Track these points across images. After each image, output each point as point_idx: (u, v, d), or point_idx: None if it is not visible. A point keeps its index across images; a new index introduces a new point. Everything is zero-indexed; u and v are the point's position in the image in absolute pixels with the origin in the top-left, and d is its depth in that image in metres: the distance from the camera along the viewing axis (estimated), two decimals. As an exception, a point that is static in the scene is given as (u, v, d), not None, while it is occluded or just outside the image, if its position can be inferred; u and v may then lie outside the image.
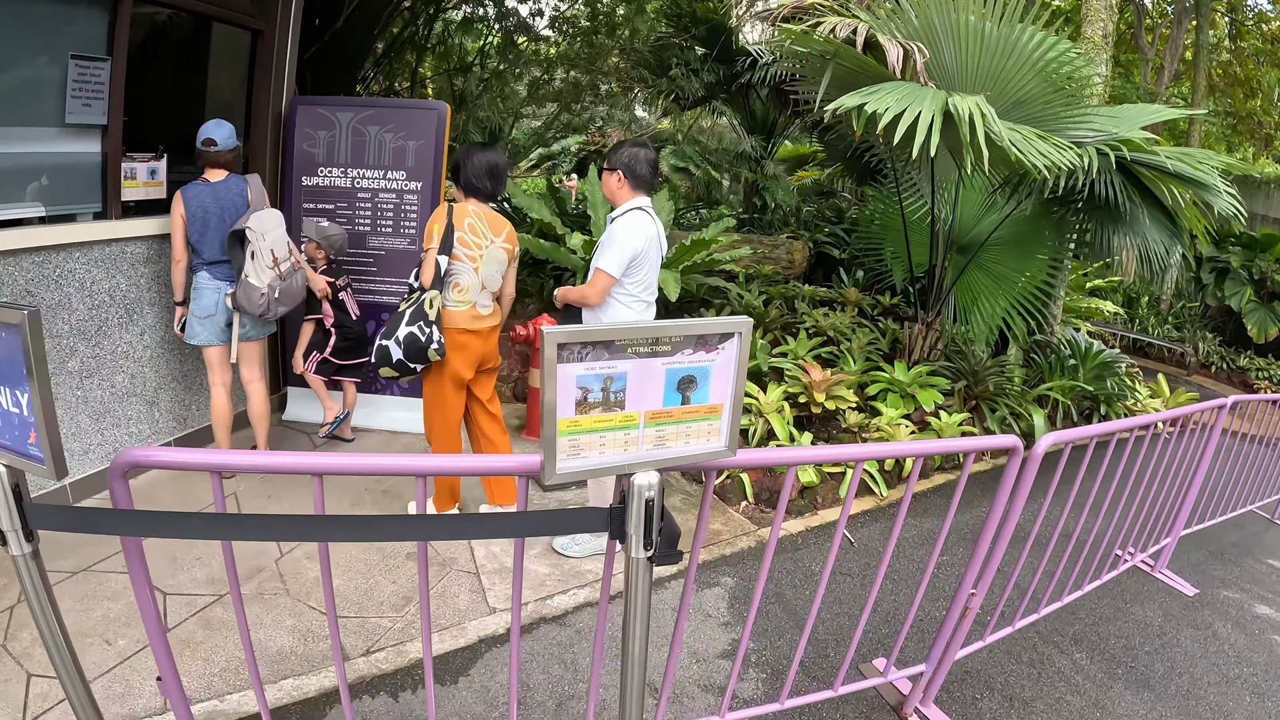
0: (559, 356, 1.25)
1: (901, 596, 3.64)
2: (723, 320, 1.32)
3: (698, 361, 1.33)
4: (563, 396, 1.29)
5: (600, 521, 1.45)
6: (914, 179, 6.23)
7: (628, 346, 1.27)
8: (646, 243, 3.28)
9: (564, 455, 1.35)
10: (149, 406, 4.13)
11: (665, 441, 1.40)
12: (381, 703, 2.71)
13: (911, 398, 5.27)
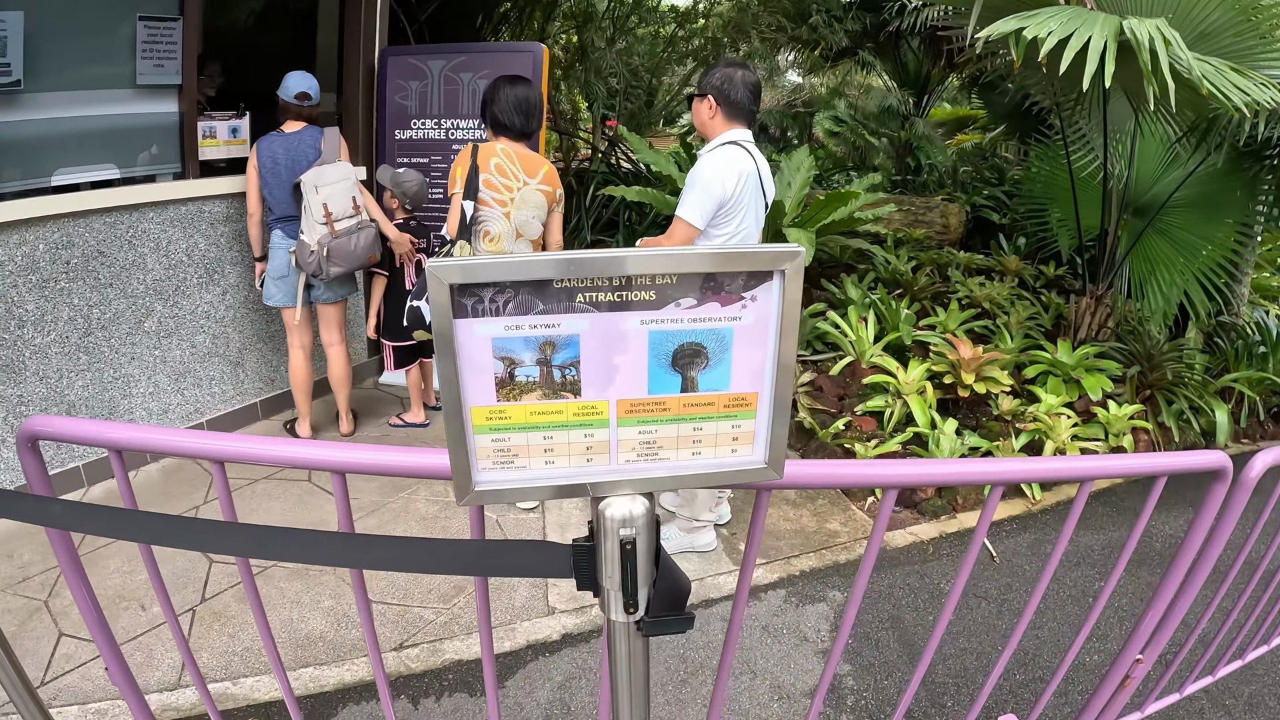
0: (457, 307, 0.75)
1: (1045, 631, 2.90)
2: (750, 250, 0.77)
3: (707, 320, 0.79)
4: (471, 372, 0.78)
5: (558, 562, 0.94)
6: (1083, 129, 5.31)
7: (575, 289, 0.75)
8: (740, 184, 2.69)
9: (487, 463, 0.85)
10: (233, 367, 4.00)
11: (656, 449, 0.86)
12: (400, 708, 2.36)
13: (1076, 383, 4.45)
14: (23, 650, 2.48)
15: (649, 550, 0.93)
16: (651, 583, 0.97)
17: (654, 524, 0.92)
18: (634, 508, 0.88)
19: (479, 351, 0.77)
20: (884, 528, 1.30)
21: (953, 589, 1.42)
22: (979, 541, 1.36)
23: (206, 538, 1.08)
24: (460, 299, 0.74)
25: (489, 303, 0.75)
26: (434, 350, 0.76)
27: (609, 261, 0.74)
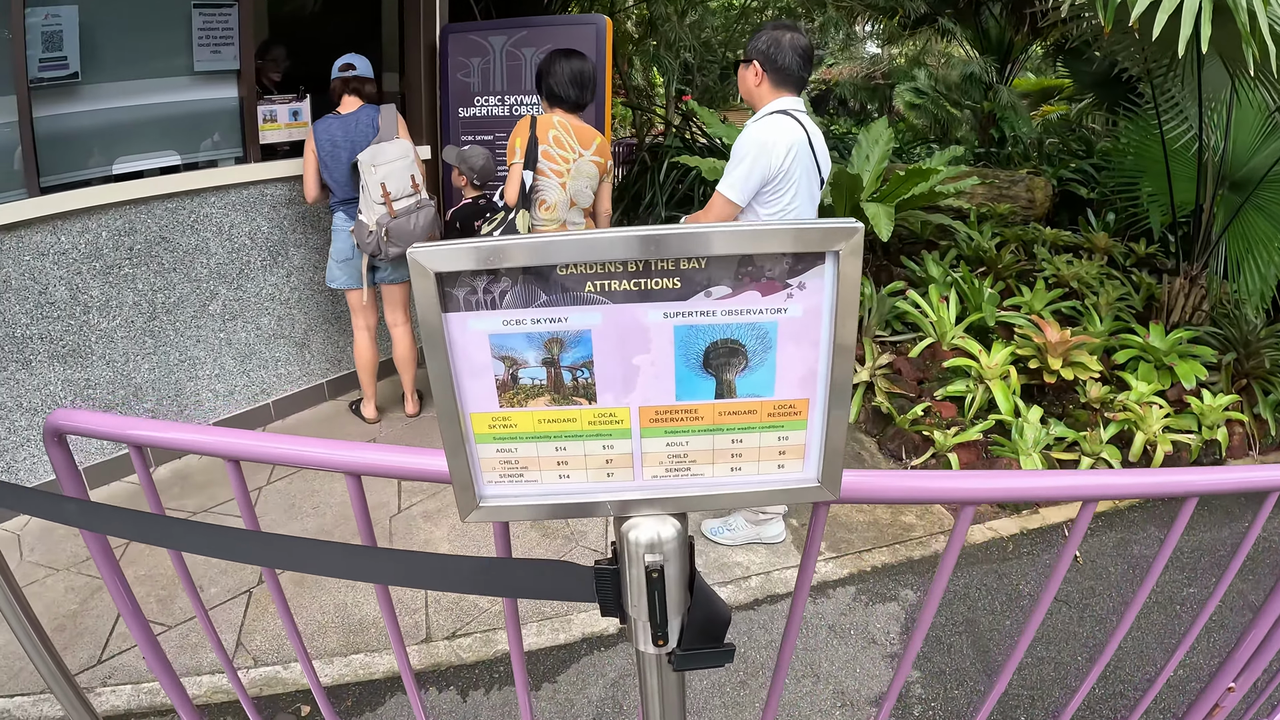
0: (445, 299, 0.63)
1: (1127, 641, 2.65)
2: (795, 226, 0.63)
3: (744, 312, 0.66)
4: (469, 374, 0.67)
5: (579, 585, 0.83)
6: (1175, 97, 4.90)
7: (583, 275, 0.62)
8: (789, 157, 2.48)
9: (493, 475, 0.74)
10: (299, 349, 4.02)
11: (688, 463, 0.74)
12: (447, 699, 2.30)
13: (1168, 370, 4.12)
14: (81, 628, 2.52)
15: (681, 577, 0.80)
16: (685, 611, 0.84)
17: (687, 547, 0.79)
18: (662, 530, 0.76)
19: (475, 350, 0.66)
20: (960, 544, 1.14)
21: (1029, 620, 1.26)
22: (1068, 557, 1.19)
23: (216, 543, 1.01)
24: (448, 289, 0.63)
25: (483, 293, 0.63)
26: (424, 345, 0.65)
27: (619, 241, 0.61)
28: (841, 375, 0.71)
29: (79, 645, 2.46)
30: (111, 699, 2.29)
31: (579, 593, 0.83)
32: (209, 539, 1.02)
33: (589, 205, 3.22)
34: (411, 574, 0.88)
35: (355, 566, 0.90)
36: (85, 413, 1.21)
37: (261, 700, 2.30)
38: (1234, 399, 4.01)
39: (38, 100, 2.93)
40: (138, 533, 1.06)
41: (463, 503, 0.74)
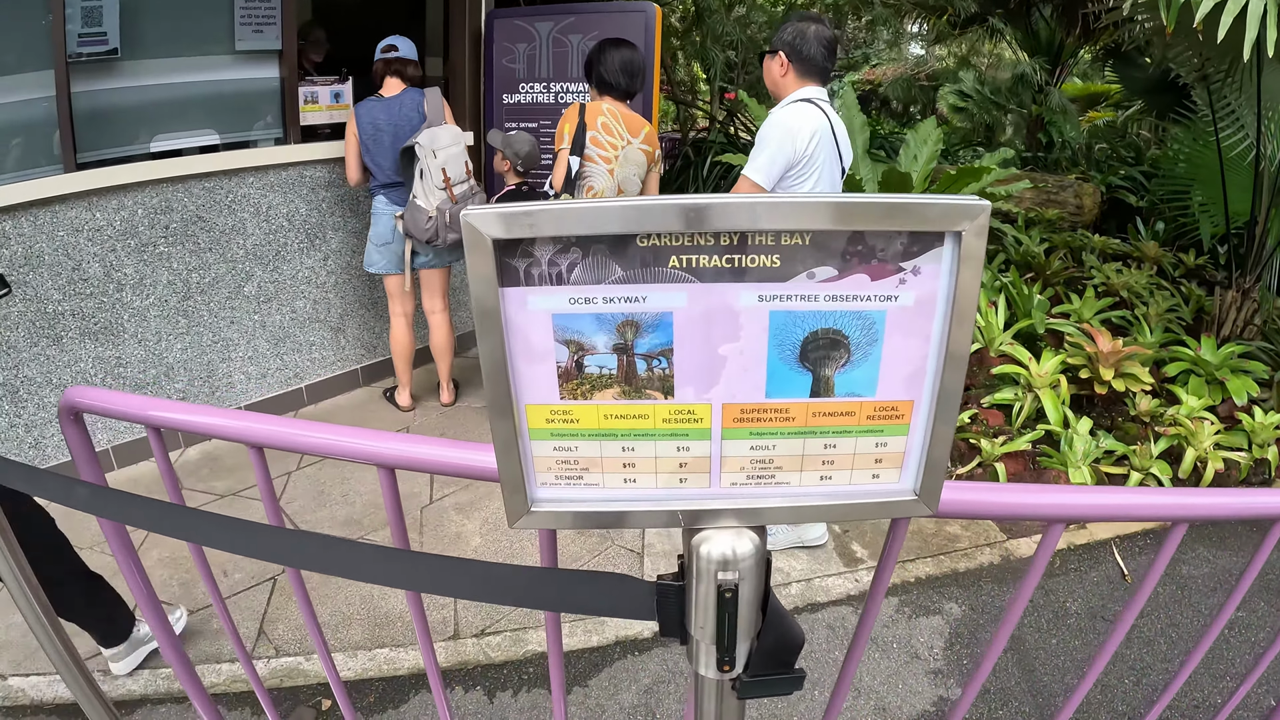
0: (504, 270, 0.54)
1: (1177, 664, 2.51)
2: (917, 201, 0.53)
3: (851, 298, 0.56)
4: (525, 359, 0.58)
5: (636, 602, 0.74)
6: (1232, 105, 4.70)
7: (668, 249, 0.53)
8: (813, 142, 2.51)
9: (549, 476, 0.65)
10: (334, 333, 3.98)
11: (773, 470, 0.64)
12: (474, 700, 2.23)
13: (1219, 385, 3.95)
14: (102, 612, 2.49)
15: (755, 597, 0.71)
16: (755, 634, 0.75)
17: (764, 565, 0.70)
18: (739, 545, 0.66)
19: (535, 332, 0.57)
20: (1044, 565, 1.04)
21: (1093, 663, 1.14)
22: (1147, 590, 1.07)
23: (238, 539, 0.93)
24: (507, 259, 0.54)
25: (548, 265, 0.54)
26: (475, 324, 0.56)
27: (714, 209, 0.51)
28: (953, 376, 0.61)
29: (87, 632, 2.43)
30: (129, 684, 2.25)
31: (637, 610, 0.74)
32: (231, 533, 0.94)
33: (636, 194, 3.16)
34: (450, 582, 0.80)
35: (389, 571, 0.82)
36: (102, 391, 1.14)
37: (282, 692, 2.25)
38: (1287, 418, 3.85)
39: (76, 76, 2.90)
40: (151, 522, 0.99)
41: (512, 506, 0.65)
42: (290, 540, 0.85)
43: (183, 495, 1.49)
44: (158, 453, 1.11)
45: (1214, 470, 3.53)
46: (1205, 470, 3.55)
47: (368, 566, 0.82)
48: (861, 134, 5.76)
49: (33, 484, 1.03)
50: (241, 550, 0.88)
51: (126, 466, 3.25)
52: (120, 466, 3.25)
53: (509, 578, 0.77)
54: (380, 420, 3.87)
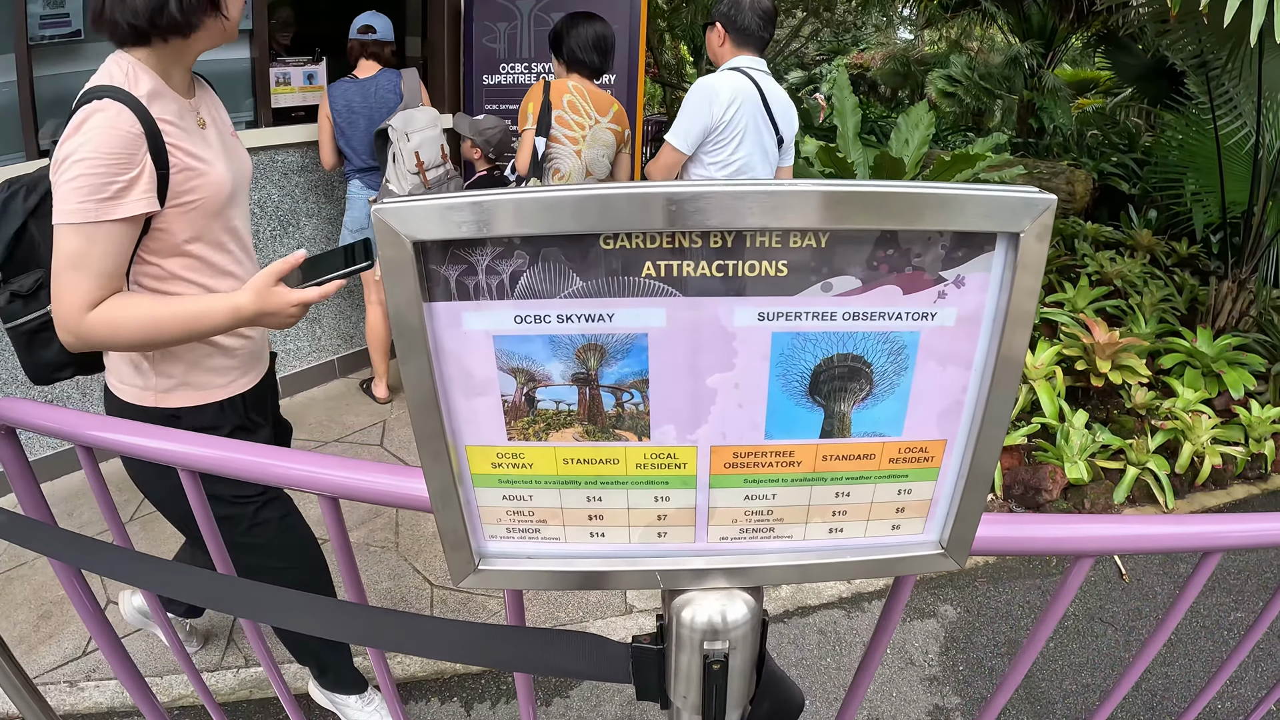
0: (430, 280, 0.42)
1: (1175, 669, 2.43)
2: (961, 190, 0.41)
3: (877, 317, 0.44)
4: (462, 391, 0.46)
5: (609, 666, 0.62)
6: (1229, 93, 4.63)
7: (641, 252, 0.41)
8: (732, 107, 2.59)
9: (499, 530, 0.53)
10: (309, 324, 3.84)
11: (772, 522, 0.52)
12: (450, 711, 2.12)
13: (1216, 377, 3.88)
14: (67, 616, 2.36)
15: (748, 665, 0.59)
16: (748, 701, 0.63)
17: (759, 630, 0.58)
18: (729, 610, 0.55)
19: (473, 358, 0.45)
20: (1069, 600, 0.93)
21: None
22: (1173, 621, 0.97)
23: (173, 583, 0.81)
24: (434, 266, 0.41)
25: (486, 274, 0.42)
26: (395, 344, 0.44)
27: (705, 200, 0.39)
28: (998, 411, 0.49)
29: (63, 635, 2.29)
30: (95, 695, 2.13)
31: (611, 674, 0.62)
32: (160, 575, 0.82)
33: (605, 176, 3.02)
34: (410, 640, 0.67)
35: (339, 625, 0.70)
36: (32, 404, 1.01)
37: (253, 704, 2.13)
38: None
39: (38, 60, 2.75)
40: (78, 558, 0.87)
41: (455, 564, 0.53)
42: (235, 589, 0.73)
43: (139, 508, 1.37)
44: (90, 475, 0.99)
45: (1211, 465, 3.46)
46: (1202, 465, 3.48)
47: (319, 620, 0.70)
48: (853, 117, 5.64)
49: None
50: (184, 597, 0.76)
51: (77, 471, 3.10)
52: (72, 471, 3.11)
53: (475, 637, 0.65)
54: (357, 412, 3.73)
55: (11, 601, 2.44)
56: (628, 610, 2.56)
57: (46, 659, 2.21)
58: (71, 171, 1.16)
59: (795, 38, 9.22)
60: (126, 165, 1.18)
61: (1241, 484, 3.72)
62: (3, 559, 2.61)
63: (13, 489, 1.11)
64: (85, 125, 1.19)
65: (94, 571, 0.94)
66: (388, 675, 1.04)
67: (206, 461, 0.92)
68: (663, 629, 0.60)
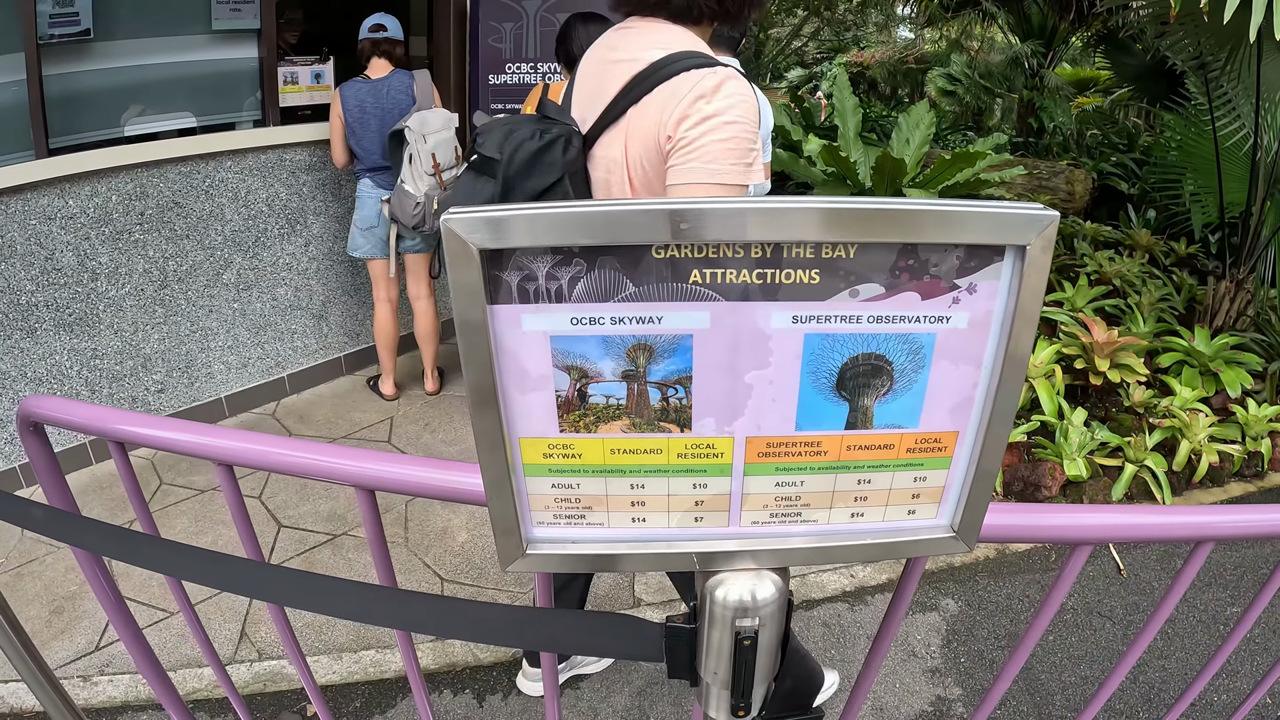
0: (494, 285, 0.46)
1: (1172, 662, 2.48)
2: (974, 207, 0.45)
3: (898, 320, 0.49)
4: (518, 386, 0.50)
5: (644, 646, 0.67)
6: (1228, 93, 4.68)
7: (689, 261, 0.45)
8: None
9: (546, 515, 0.57)
10: (316, 320, 3.88)
11: (799, 508, 0.57)
12: (463, 704, 2.16)
13: (1213, 376, 3.93)
14: (80, 612, 2.40)
15: (775, 642, 0.64)
16: (773, 678, 0.68)
17: (786, 609, 0.62)
18: (759, 589, 0.59)
19: (531, 356, 0.49)
20: (1068, 587, 0.98)
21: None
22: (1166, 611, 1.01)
23: (210, 572, 0.85)
24: (497, 272, 0.46)
25: (545, 280, 0.46)
26: (459, 345, 0.48)
27: (747, 215, 0.44)
28: (1004, 405, 0.54)
29: (76, 630, 2.34)
30: (108, 689, 2.17)
31: (645, 653, 0.67)
32: (201, 566, 0.86)
33: None
34: (443, 623, 0.72)
35: (375, 610, 0.74)
36: (61, 400, 1.05)
37: (265, 697, 2.17)
38: (1279, 410, 3.83)
39: (47, 58, 2.78)
40: (115, 549, 0.91)
41: (504, 549, 0.57)
42: (269, 575, 0.77)
43: (151, 500, 1.41)
44: (121, 469, 1.02)
45: (1208, 463, 3.51)
46: (1199, 463, 3.52)
47: (355, 605, 0.74)
48: (854, 116, 5.69)
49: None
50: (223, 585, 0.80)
51: (105, 460, 3.14)
52: (99, 460, 3.15)
53: (502, 617, 0.70)
54: (364, 410, 3.78)
55: (23, 597, 2.47)
56: (635, 604, 2.61)
57: (59, 654, 2.25)
58: (726, 132, 1.17)
59: (796, 36, 9.23)
60: (755, 135, 1.20)
61: (1238, 481, 3.76)
62: (13, 555, 2.65)
63: (40, 484, 1.14)
64: (724, 89, 1.18)
65: (133, 564, 0.98)
66: (415, 664, 1.08)
67: (241, 455, 0.97)
68: (695, 609, 0.64)
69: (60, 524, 0.92)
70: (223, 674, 1.29)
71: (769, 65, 9.32)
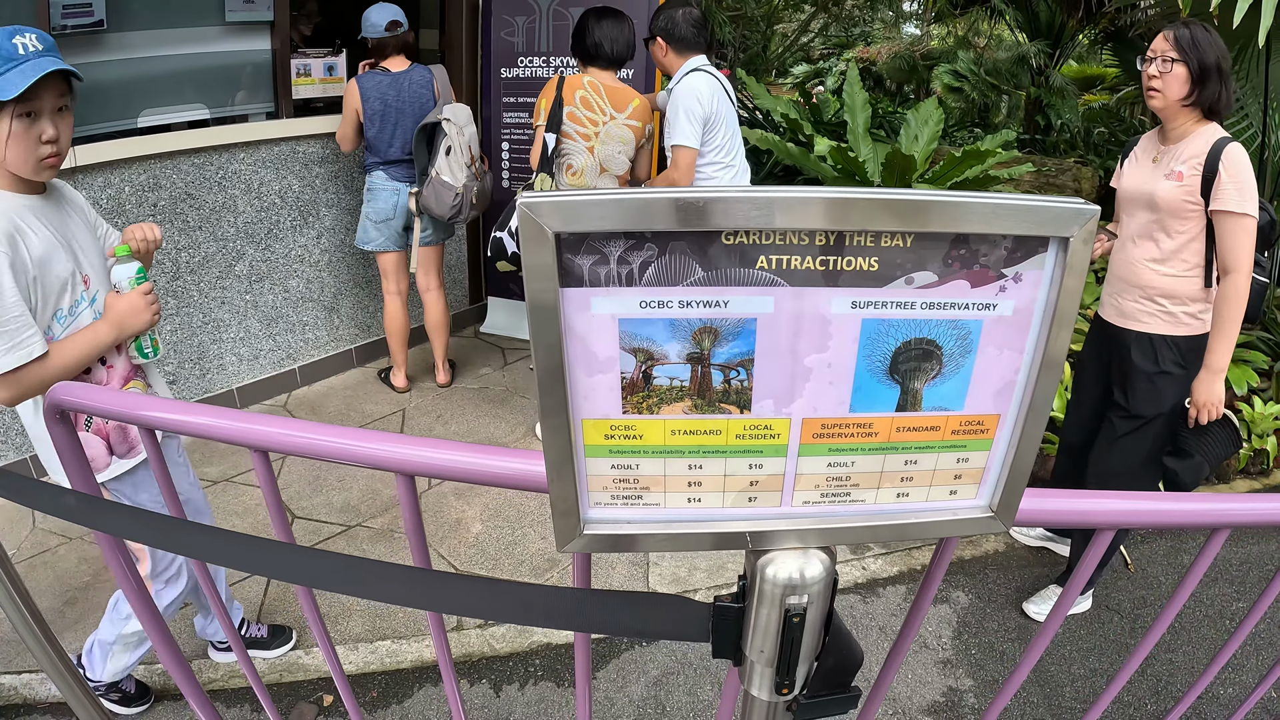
0: (567, 268, 0.48)
1: (1179, 655, 2.50)
2: (1022, 200, 0.47)
3: (949, 306, 0.51)
4: (585, 368, 0.52)
5: (689, 625, 0.69)
6: (1236, 93, 4.69)
7: (757, 247, 0.47)
8: (715, 99, 2.89)
9: (604, 496, 0.59)
10: (327, 313, 3.90)
11: (850, 487, 0.59)
12: (479, 693, 2.18)
13: (1220, 373, 3.95)
14: (93, 603, 2.42)
15: (820, 620, 0.66)
16: (816, 655, 0.70)
17: (832, 587, 0.65)
18: (808, 567, 0.61)
19: (599, 338, 0.51)
20: (1090, 571, 1.00)
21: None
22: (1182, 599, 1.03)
23: (244, 555, 0.87)
24: (571, 256, 0.48)
25: (617, 264, 0.48)
26: (529, 327, 0.50)
27: (814, 204, 0.46)
28: (1044, 391, 0.56)
29: (90, 620, 2.36)
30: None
31: (691, 632, 0.69)
32: (242, 550, 0.88)
33: (624, 172, 3.08)
34: (484, 605, 0.74)
35: (422, 594, 0.76)
36: (90, 387, 1.07)
37: (281, 688, 2.20)
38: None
39: (61, 49, 2.77)
40: (148, 535, 0.93)
41: (562, 530, 0.59)
42: (307, 559, 0.79)
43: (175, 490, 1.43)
44: (151, 454, 1.04)
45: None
46: (1208, 457, 3.54)
47: (400, 589, 0.76)
48: (863, 112, 5.69)
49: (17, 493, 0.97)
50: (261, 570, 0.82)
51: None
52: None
53: (546, 598, 0.72)
54: (376, 402, 3.80)
55: (35, 588, 2.50)
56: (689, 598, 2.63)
57: (72, 644, 2.27)
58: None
59: (805, 31, 9.21)
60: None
61: (1244, 479, 3.78)
62: (25, 546, 2.67)
63: (65, 472, 1.15)
64: None
65: (174, 550, 1.00)
66: (446, 651, 1.10)
67: (275, 440, 0.98)
68: (743, 589, 0.66)
69: (94, 510, 0.94)
70: (246, 659, 1.31)
71: (775, 61, 9.30)
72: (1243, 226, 2.06)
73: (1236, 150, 2.06)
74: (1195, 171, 2.09)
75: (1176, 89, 2.09)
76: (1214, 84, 2.06)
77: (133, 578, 1.25)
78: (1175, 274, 2.21)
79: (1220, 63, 2.04)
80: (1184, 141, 2.15)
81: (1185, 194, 2.12)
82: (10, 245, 1.52)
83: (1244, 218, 2.05)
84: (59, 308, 1.63)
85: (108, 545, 1.18)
